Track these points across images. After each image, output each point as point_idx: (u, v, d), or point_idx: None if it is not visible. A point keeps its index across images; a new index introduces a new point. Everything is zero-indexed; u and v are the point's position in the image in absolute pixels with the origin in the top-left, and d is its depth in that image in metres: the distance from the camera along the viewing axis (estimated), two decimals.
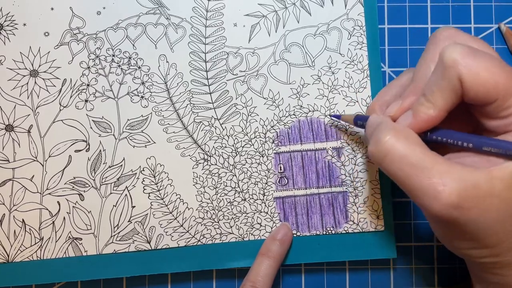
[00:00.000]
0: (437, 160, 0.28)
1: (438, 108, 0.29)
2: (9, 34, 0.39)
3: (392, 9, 0.41)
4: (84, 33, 0.39)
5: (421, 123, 0.29)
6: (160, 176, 0.39)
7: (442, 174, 0.27)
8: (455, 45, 0.27)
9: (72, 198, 0.39)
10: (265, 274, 0.36)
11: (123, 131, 0.39)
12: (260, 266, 0.37)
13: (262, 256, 0.37)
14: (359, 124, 0.36)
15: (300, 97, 0.40)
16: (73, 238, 0.39)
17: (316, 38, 0.40)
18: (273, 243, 0.38)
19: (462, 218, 0.27)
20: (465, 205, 0.27)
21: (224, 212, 0.39)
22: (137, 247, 0.39)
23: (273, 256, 0.37)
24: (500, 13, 0.41)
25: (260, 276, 0.36)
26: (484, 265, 0.30)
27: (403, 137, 0.29)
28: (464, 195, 0.27)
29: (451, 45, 0.28)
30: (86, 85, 0.39)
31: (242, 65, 0.40)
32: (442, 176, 0.27)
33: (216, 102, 0.40)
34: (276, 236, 0.38)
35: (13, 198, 0.39)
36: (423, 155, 0.28)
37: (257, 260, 0.37)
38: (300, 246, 0.39)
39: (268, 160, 0.39)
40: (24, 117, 0.39)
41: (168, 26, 0.40)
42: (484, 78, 0.27)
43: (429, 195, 0.27)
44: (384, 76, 0.41)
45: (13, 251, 0.39)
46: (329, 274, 0.41)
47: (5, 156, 0.39)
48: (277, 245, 0.38)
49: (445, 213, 0.27)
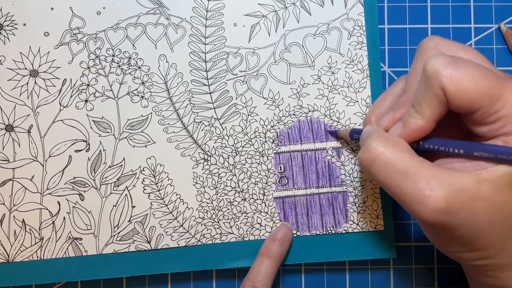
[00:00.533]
0: (424, 165, 0.28)
1: (426, 118, 0.29)
2: (9, 34, 0.39)
3: (392, 9, 0.41)
4: (84, 33, 0.39)
5: (410, 133, 0.30)
6: (160, 176, 0.39)
7: (429, 179, 0.27)
8: (437, 56, 0.28)
9: (72, 198, 0.39)
10: (265, 274, 0.36)
11: (123, 131, 0.39)
12: (260, 266, 0.37)
13: (262, 256, 0.37)
14: (355, 137, 0.36)
15: (300, 97, 0.40)
16: (73, 238, 0.39)
17: (316, 38, 0.40)
18: (273, 243, 0.38)
19: (451, 222, 0.27)
20: (453, 209, 0.27)
21: (224, 212, 0.39)
22: (137, 247, 0.39)
23: (273, 256, 0.37)
24: (500, 13, 0.41)
25: (260, 276, 0.36)
26: (477, 267, 0.30)
27: (391, 144, 0.29)
28: (452, 199, 0.27)
29: (434, 56, 0.28)
30: (86, 85, 0.39)
31: (242, 65, 0.40)
32: (429, 181, 0.27)
33: (216, 102, 0.40)
34: (276, 236, 0.38)
35: (13, 198, 0.39)
36: (410, 161, 0.28)
37: (257, 260, 0.37)
38: (300, 246, 0.39)
39: (268, 160, 0.39)
40: (24, 117, 0.39)
41: (168, 26, 0.40)
42: (466, 87, 0.27)
43: (417, 201, 0.27)
44: (384, 76, 0.41)
45: (13, 251, 0.39)
46: (329, 274, 0.41)
47: (5, 156, 0.39)
48: (277, 245, 0.38)
49: (434, 218, 0.27)
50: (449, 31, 0.41)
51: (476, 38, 0.41)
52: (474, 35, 0.41)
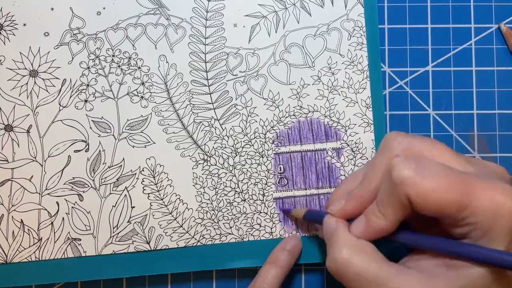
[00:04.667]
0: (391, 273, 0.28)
1: (389, 220, 0.29)
2: (9, 34, 0.39)
3: (392, 9, 0.41)
4: (84, 33, 0.39)
5: (373, 233, 0.30)
6: (160, 177, 0.39)
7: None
8: (403, 162, 0.27)
9: (71, 199, 0.39)
10: (271, 282, 0.36)
11: (122, 131, 0.39)
12: (267, 274, 0.37)
13: (270, 264, 0.37)
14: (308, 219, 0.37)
15: (300, 97, 0.40)
16: (72, 238, 0.38)
17: (316, 38, 0.40)
18: (282, 252, 0.38)
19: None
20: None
21: (224, 213, 0.39)
22: (136, 248, 0.39)
23: (281, 266, 0.37)
24: (500, 13, 0.41)
25: (267, 284, 0.36)
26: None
27: (358, 252, 0.29)
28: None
29: (400, 162, 0.28)
30: (86, 85, 0.39)
31: (242, 65, 0.40)
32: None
33: (216, 103, 0.40)
34: (286, 246, 0.38)
35: (11, 198, 0.39)
36: (378, 271, 0.28)
37: (264, 268, 0.37)
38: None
39: (268, 161, 0.39)
40: (24, 117, 0.39)
41: (168, 27, 0.40)
42: (432, 199, 0.26)
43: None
44: (384, 77, 0.41)
45: (12, 252, 0.38)
46: (329, 274, 0.40)
47: (4, 156, 0.39)
48: (285, 255, 0.37)
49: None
50: (449, 31, 0.41)
51: (476, 38, 0.41)
52: (474, 35, 0.41)
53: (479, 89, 0.41)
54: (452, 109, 0.40)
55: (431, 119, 0.40)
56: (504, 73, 0.41)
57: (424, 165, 0.27)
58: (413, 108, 0.41)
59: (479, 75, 0.41)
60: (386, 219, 0.29)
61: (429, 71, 0.41)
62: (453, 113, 0.40)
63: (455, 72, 0.41)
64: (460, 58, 0.41)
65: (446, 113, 0.40)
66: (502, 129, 0.40)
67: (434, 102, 0.41)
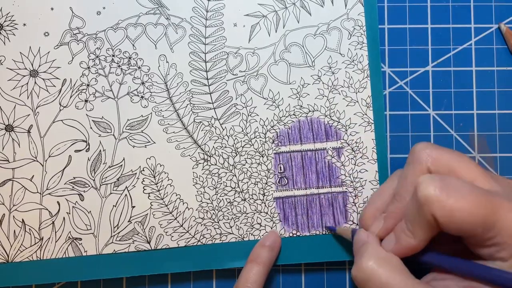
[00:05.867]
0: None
1: (418, 239, 0.29)
2: (9, 34, 0.39)
3: (392, 9, 0.41)
4: (84, 33, 0.39)
5: (403, 250, 0.30)
6: (160, 176, 0.39)
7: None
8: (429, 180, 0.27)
9: (72, 198, 0.39)
10: (254, 281, 0.36)
11: (123, 131, 0.39)
12: (249, 273, 0.36)
13: (251, 262, 0.37)
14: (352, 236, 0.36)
15: (300, 97, 0.40)
16: (73, 238, 0.39)
17: (316, 38, 0.40)
18: (262, 249, 0.38)
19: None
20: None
21: (224, 212, 0.39)
22: (137, 247, 0.39)
23: (262, 262, 0.37)
24: (500, 13, 0.41)
25: (250, 283, 0.36)
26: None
27: (384, 263, 0.29)
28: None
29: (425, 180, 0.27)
30: (86, 85, 0.39)
31: (242, 65, 0.40)
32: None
33: (216, 102, 0.40)
34: (265, 243, 0.38)
35: (13, 198, 0.39)
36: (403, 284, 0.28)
37: (246, 267, 0.37)
38: (300, 246, 0.39)
39: (268, 160, 0.39)
40: (24, 117, 0.39)
41: (168, 26, 0.40)
42: (458, 218, 0.26)
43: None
44: (384, 76, 0.41)
45: (13, 251, 0.38)
46: (329, 274, 0.40)
47: (5, 156, 0.39)
48: (266, 251, 0.37)
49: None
50: (449, 31, 0.41)
51: (476, 38, 0.41)
52: (474, 35, 0.41)
53: (479, 89, 0.41)
54: (452, 109, 0.40)
55: (431, 119, 0.40)
56: (504, 73, 0.41)
57: (449, 183, 0.27)
58: (413, 108, 0.41)
59: (479, 75, 0.41)
60: (415, 238, 0.29)
61: (429, 71, 0.41)
62: (453, 113, 0.40)
63: (455, 72, 0.41)
64: (460, 58, 0.41)
65: (446, 113, 0.40)
66: (502, 129, 0.40)
67: (434, 102, 0.41)
